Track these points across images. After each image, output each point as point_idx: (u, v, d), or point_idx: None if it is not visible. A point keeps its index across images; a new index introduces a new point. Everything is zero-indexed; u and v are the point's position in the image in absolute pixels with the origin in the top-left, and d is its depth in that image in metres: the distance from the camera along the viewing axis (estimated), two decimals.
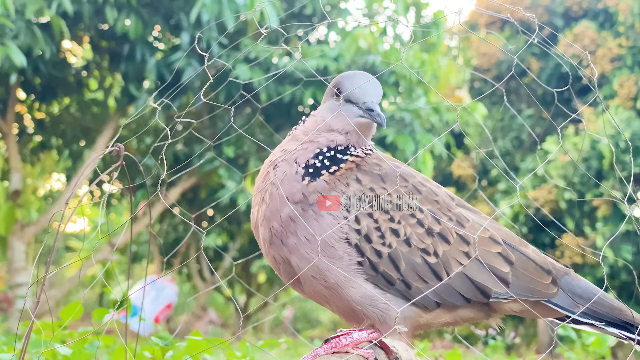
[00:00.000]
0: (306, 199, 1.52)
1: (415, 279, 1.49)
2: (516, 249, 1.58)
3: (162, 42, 9.68)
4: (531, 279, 1.55)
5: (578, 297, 1.57)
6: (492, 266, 1.52)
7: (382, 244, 1.49)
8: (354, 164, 1.57)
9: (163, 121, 8.80)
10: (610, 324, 1.56)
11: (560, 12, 12.73)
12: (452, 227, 1.54)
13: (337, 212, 1.51)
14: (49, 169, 12.44)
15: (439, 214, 1.54)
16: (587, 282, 1.60)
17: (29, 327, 1.63)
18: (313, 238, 1.49)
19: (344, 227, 1.49)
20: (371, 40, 8.62)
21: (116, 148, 1.66)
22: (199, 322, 11.45)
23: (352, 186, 1.53)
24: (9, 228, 10.14)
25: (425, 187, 1.58)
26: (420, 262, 1.49)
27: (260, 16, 7.24)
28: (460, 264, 1.51)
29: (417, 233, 1.51)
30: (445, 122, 9.30)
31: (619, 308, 1.56)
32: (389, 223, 1.51)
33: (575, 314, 1.54)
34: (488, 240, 1.56)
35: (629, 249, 10.34)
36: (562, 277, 1.59)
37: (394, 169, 1.58)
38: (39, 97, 10.39)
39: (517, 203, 10.30)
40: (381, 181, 1.55)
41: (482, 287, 1.52)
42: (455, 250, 1.52)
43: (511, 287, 1.53)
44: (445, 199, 1.60)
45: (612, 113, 11.00)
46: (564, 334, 4.63)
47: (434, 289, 1.49)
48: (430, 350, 5.22)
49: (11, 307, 9.78)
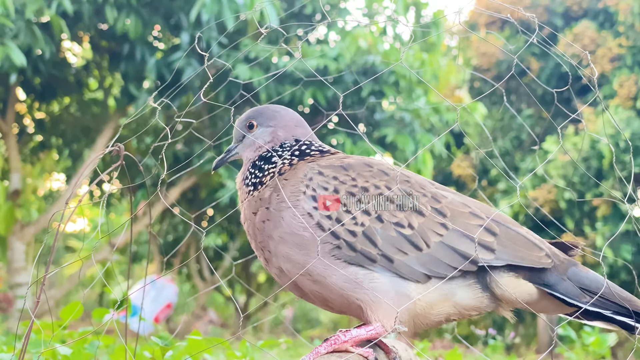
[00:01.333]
0: (264, 202, 1.61)
1: (394, 252, 1.51)
2: (503, 225, 1.58)
3: (162, 42, 9.68)
4: (520, 249, 1.54)
5: (585, 287, 1.55)
6: (472, 236, 1.53)
7: (355, 224, 1.53)
8: (304, 161, 1.67)
9: (163, 121, 8.80)
10: (618, 313, 1.55)
11: (560, 12, 12.73)
12: (426, 202, 1.56)
13: (302, 204, 1.56)
14: (49, 168, 12.44)
15: (410, 191, 1.57)
16: (595, 273, 1.58)
17: (28, 327, 1.63)
18: (286, 234, 1.55)
19: (314, 216, 1.54)
20: (371, 40, 8.62)
21: (116, 148, 1.66)
22: (198, 322, 11.45)
23: (315, 178, 1.59)
24: (8, 228, 10.14)
25: (393, 171, 1.62)
26: (395, 235, 1.52)
27: (260, 16, 7.24)
28: (437, 234, 1.53)
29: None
30: (445, 122, 9.30)
31: (628, 298, 1.56)
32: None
33: (583, 304, 1.53)
34: (469, 215, 1.57)
35: (628, 249, 10.35)
36: (569, 268, 1.57)
37: (359, 159, 1.64)
38: (39, 97, 10.39)
39: (517, 203, 10.30)
40: (344, 170, 1.60)
41: (465, 254, 1.52)
42: (430, 222, 1.54)
43: (497, 254, 1.53)
44: (420, 180, 1.63)
45: (612, 113, 11.00)
46: (564, 333, 4.64)
47: (417, 259, 1.51)
48: (430, 350, 5.23)
49: (11, 307, 9.78)
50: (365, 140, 8.63)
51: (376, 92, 8.83)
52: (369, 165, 1.62)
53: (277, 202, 1.59)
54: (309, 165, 1.64)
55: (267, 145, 1.74)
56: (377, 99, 9.05)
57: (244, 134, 1.77)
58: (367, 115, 9.13)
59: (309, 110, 9.45)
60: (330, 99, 8.44)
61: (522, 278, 1.55)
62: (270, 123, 1.75)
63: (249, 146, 1.76)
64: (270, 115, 1.76)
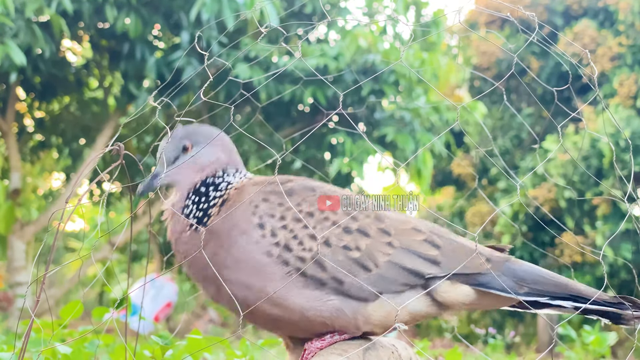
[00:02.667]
0: (214, 234, 1.58)
1: (344, 275, 1.52)
2: (444, 237, 1.63)
3: (162, 41, 9.68)
4: (463, 259, 1.58)
5: (520, 280, 1.61)
6: (418, 252, 1.58)
7: (303, 249, 1.53)
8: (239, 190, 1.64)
9: (163, 120, 8.79)
10: (555, 298, 1.60)
11: (560, 11, 12.73)
12: (370, 222, 1.59)
13: (252, 231, 1.55)
14: (49, 167, 12.43)
15: (354, 213, 1.59)
16: (529, 265, 1.64)
17: (28, 326, 1.63)
18: (242, 262, 1.55)
19: (263, 243, 1.54)
20: (371, 39, 8.61)
21: (116, 147, 1.66)
22: (198, 320, 11.46)
23: (261, 206, 1.58)
24: (8, 227, 10.15)
25: (335, 193, 1.63)
26: (343, 258, 1.53)
27: (260, 15, 7.24)
28: (384, 254, 1.56)
29: (334, 233, 1.55)
30: (445, 121, 9.31)
31: (564, 284, 1.60)
32: (304, 230, 1.55)
33: (520, 295, 1.58)
34: (411, 230, 1.61)
35: (628, 248, 10.35)
36: (503, 264, 1.63)
37: (301, 183, 1.64)
38: (39, 96, 10.39)
39: (517, 202, 10.30)
40: (289, 196, 1.59)
41: (413, 270, 1.56)
42: (376, 242, 1.56)
43: (442, 266, 1.58)
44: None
45: (612, 112, 11.01)
46: (564, 332, 4.64)
47: (367, 279, 1.53)
48: (430, 349, 5.22)
49: (11, 306, 9.79)
50: (365, 140, 8.63)
51: (376, 91, 8.83)
52: (312, 190, 1.62)
53: (228, 230, 1.57)
54: (254, 190, 1.62)
55: (209, 167, 1.67)
56: (377, 98, 9.05)
57: (177, 156, 1.67)
58: (367, 114, 9.13)
59: (309, 109, 9.46)
60: (330, 98, 8.44)
61: (459, 282, 1.60)
62: (202, 144, 1.67)
63: (185, 169, 1.66)
64: (207, 135, 1.68)
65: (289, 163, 9.24)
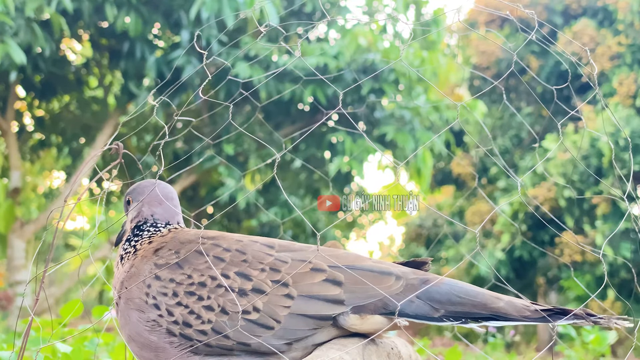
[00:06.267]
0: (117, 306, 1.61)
1: (248, 338, 1.50)
2: (345, 268, 1.55)
3: (161, 40, 9.68)
4: (368, 288, 1.52)
5: (437, 303, 1.52)
6: (319, 295, 1.52)
7: (202, 322, 1.52)
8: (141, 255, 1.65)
9: (163, 119, 8.82)
10: (474, 319, 1.52)
11: (560, 10, 12.73)
12: (265, 278, 1.53)
13: (148, 312, 1.54)
14: (49, 166, 12.43)
15: (248, 271, 1.55)
16: (448, 284, 1.54)
17: (28, 325, 1.63)
18: (135, 335, 1.55)
19: (161, 323, 1.53)
20: (371, 38, 8.61)
21: (115, 146, 1.66)
22: None
23: (153, 285, 1.56)
24: (8, 226, 10.15)
25: (229, 252, 1.59)
26: (244, 323, 1.50)
27: (260, 14, 7.24)
28: (284, 307, 1.51)
29: (229, 300, 1.52)
30: (445, 120, 9.31)
31: (483, 303, 1.51)
32: (199, 302, 1.53)
33: (436, 320, 1.51)
34: (310, 273, 1.54)
35: (628, 247, 10.34)
36: (419, 286, 1.54)
37: (194, 247, 1.61)
38: (39, 95, 10.39)
39: (517, 201, 10.30)
40: (179, 268, 1.57)
41: (316, 315, 1.51)
42: (275, 297, 1.52)
43: (347, 303, 1.52)
44: (257, 252, 1.59)
45: (612, 111, 11.00)
46: (564, 331, 4.64)
47: (272, 336, 1.50)
48: (430, 348, 5.23)
49: (11, 305, 9.79)
50: (365, 138, 8.63)
51: (376, 90, 8.83)
52: (202, 255, 1.58)
53: (125, 299, 1.57)
54: (148, 263, 1.61)
55: (133, 221, 1.76)
56: (377, 97, 9.05)
57: (127, 210, 1.80)
58: (367, 113, 9.13)
59: (309, 108, 9.46)
60: (330, 97, 8.43)
61: (367, 313, 1.53)
62: (139, 198, 1.76)
63: (127, 222, 1.79)
64: (140, 191, 1.78)
65: (289, 162, 9.24)
